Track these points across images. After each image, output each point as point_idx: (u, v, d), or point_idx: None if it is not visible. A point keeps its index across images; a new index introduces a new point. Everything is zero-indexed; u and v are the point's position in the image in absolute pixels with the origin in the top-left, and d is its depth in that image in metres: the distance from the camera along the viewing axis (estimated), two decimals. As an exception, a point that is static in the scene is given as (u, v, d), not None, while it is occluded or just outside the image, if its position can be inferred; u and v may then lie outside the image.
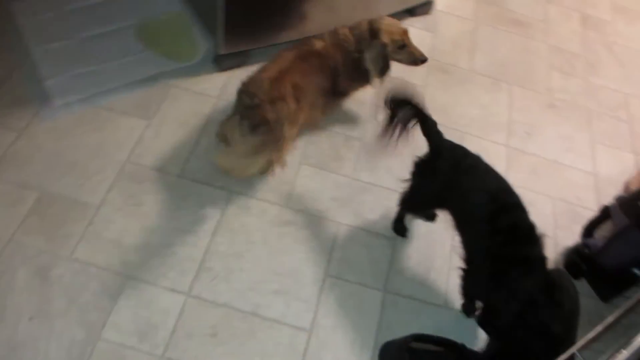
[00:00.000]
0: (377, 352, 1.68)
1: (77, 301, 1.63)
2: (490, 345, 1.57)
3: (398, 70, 2.08)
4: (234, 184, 1.96)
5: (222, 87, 2.22)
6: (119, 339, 1.58)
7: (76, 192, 1.85)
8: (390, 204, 1.96)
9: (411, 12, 2.67)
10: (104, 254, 1.73)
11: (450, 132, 2.11)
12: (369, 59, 2.00)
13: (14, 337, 1.55)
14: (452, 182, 1.61)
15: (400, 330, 1.68)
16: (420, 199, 1.79)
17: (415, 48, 2.02)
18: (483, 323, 1.57)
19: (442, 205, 1.75)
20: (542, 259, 1.50)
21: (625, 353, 1.03)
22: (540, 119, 2.45)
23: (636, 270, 1.82)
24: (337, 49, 1.98)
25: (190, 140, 2.05)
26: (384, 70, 2.04)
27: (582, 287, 1.91)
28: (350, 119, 2.25)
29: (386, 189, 2.05)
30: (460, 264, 1.67)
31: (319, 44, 1.96)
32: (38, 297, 1.62)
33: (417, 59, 2.02)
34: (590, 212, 2.04)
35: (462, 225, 1.65)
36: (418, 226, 1.98)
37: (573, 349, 1.23)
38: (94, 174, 1.90)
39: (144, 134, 2.04)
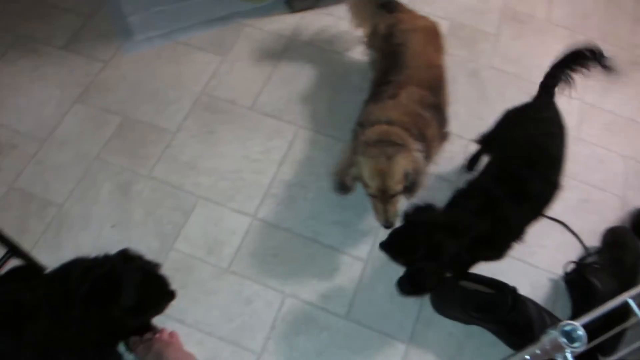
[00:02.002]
0: (429, 287, 1.71)
1: (154, 214, 1.77)
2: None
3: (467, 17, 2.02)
4: (302, 119, 2.02)
5: (295, 28, 2.27)
6: (189, 251, 1.71)
7: (155, 118, 1.97)
8: (454, 149, 1.97)
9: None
10: (179, 175, 1.85)
11: (523, 84, 2.07)
12: None
13: (98, 240, 1.71)
14: (512, 130, 1.62)
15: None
16: (491, 136, 1.77)
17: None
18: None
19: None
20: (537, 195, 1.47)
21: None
22: (621, 76, 2.34)
23: None
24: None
25: (262, 76, 2.12)
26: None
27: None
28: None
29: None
30: None
31: None
32: (120, 209, 1.77)
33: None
34: (665, 174, 1.96)
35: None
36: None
37: (625, 296, 1.20)
38: (171, 103, 2.02)
39: (218, 68, 2.12)
